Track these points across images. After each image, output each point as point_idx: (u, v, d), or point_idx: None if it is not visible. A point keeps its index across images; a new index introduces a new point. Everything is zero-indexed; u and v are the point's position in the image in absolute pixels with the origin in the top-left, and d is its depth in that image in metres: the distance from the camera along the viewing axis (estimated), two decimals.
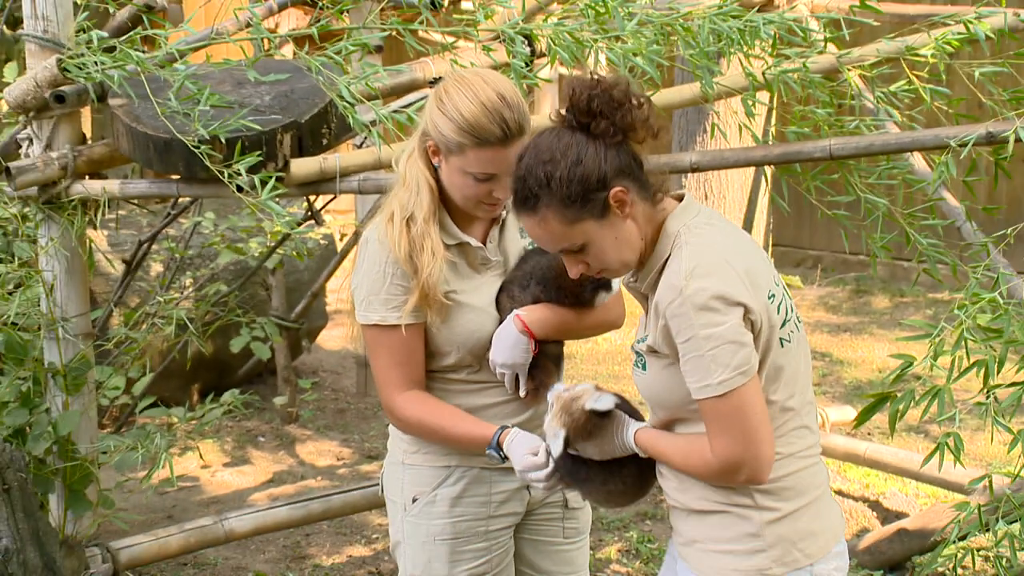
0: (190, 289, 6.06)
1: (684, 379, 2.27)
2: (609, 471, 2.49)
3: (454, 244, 2.75)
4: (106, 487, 4.52)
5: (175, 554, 4.61)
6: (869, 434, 6.24)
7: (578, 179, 2.26)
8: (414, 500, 2.84)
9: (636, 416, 2.49)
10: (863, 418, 2.94)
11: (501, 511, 2.84)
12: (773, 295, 2.30)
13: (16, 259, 4.25)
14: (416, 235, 2.67)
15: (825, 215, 3.81)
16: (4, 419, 4.06)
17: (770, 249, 6.17)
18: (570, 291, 2.82)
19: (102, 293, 5.96)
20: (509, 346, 2.75)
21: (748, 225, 5.97)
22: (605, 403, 2.42)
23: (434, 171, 2.71)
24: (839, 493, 5.73)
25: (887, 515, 5.47)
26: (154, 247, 5.96)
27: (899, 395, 2.86)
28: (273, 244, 5.78)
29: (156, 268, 6.42)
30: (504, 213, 2.82)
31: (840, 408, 6.17)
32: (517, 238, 2.86)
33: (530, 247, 2.85)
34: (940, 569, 4.66)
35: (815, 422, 2.43)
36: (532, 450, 2.60)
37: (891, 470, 5.60)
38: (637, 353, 2.40)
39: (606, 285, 2.88)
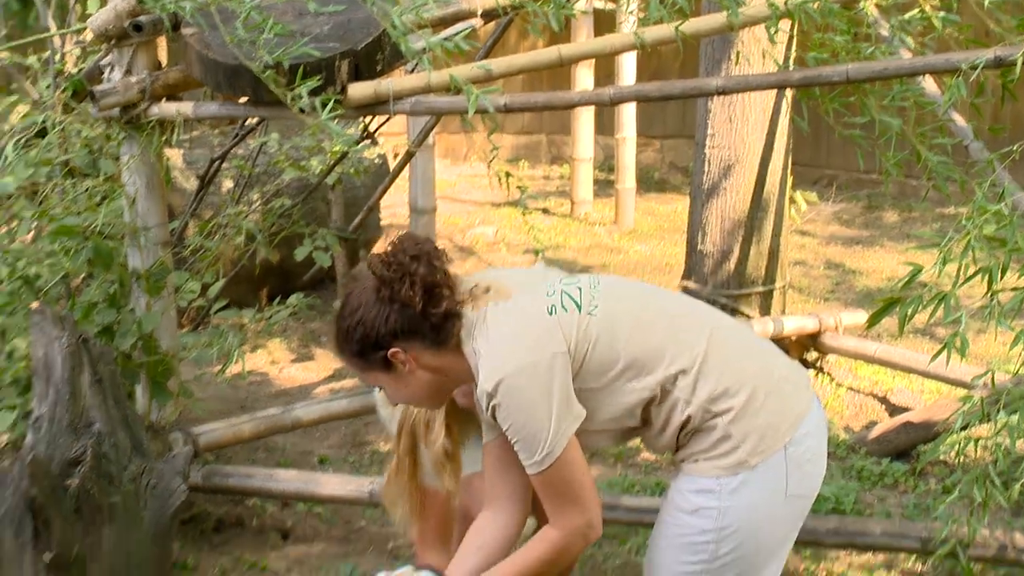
0: (257, 203, 6.07)
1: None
2: None
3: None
4: (186, 379, 4.58)
5: (248, 439, 4.69)
6: (879, 336, 6.22)
7: (358, 339, 2.35)
8: None
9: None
10: (874, 320, 2.92)
11: None
12: (552, 307, 2.32)
13: (102, 174, 4.27)
14: (428, 417, 2.84)
15: (842, 135, 3.75)
16: (94, 318, 4.11)
17: (789, 168, 6.10)
18: None
19: (178, 206, 5.98)
20: None
21: (768, 147, 5.90)
22: None
23: None
24: (850, 389, 5.73)
25: (894, 409, 5.48)
26: (224, 165, 5.96)
27: (908, 300, 2.83)
28: (332, 162, 5.77)
29: (227, 184, 6.43)
30: None
31: (852, 312, 6.15)
32: None
33: None
34: (942, 457, 4.68)
35: (711, 323, 2.40)
36: None
37: (899, 368, 5.60)
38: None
39: None
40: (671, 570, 2.33)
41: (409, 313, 2.31)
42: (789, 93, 5.74)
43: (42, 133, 4.39)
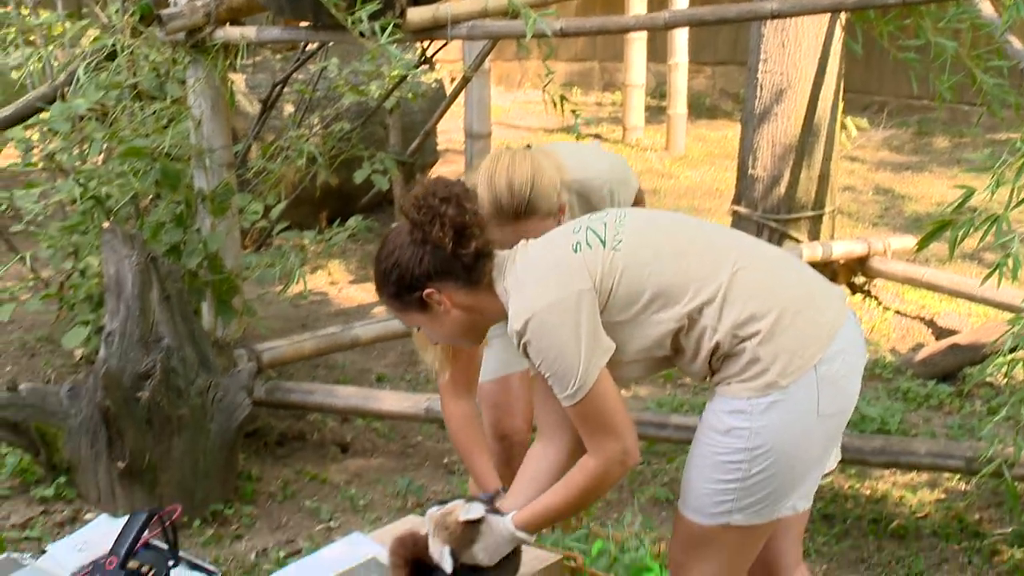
0: (318, 127, 6.08)
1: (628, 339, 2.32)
2: (500, 565, 2.45)
3: None
4: (249, 298, 4.63)
5: (309, 356, 4.75)
6: (927, 260, 6.16)
7: (394, 280, 2.37)
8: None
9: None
10: (925, 242, 2.89)
11: None
12: (577, 243, 2.33)
13: (168, 97, 4.29)
14: None
15: (896, 58, 3.68)
16: (162, 237, 4.15)
17: (841, 93, 6.00)
18: None
19: (241, 130, 6.01)
20: None
21: (821, 71, 5.81)
22: (475, 512, 2.40)
23: None
24: (897, 313, 5.69)
25: (941, 332, 5.44)
26: (286, 89, 5.96)
27: (959, 222, 2.79)
28: (391, 87, 5.76)
29: (288, 108, 6.44)
30: None
31: (901, 237, 6.09)
32: None
33: None
34: (988, 379, 4.64)
35: (738, 247, 2.36)
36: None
37: (946, 292, 5.55)
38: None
39: None
40: (705, 488, 2.34)
41: (441, 254, 2.33)
42: (842, 17, 5.64)
43: (111, 56, 4.40)
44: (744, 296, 2.28)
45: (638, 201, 3.13)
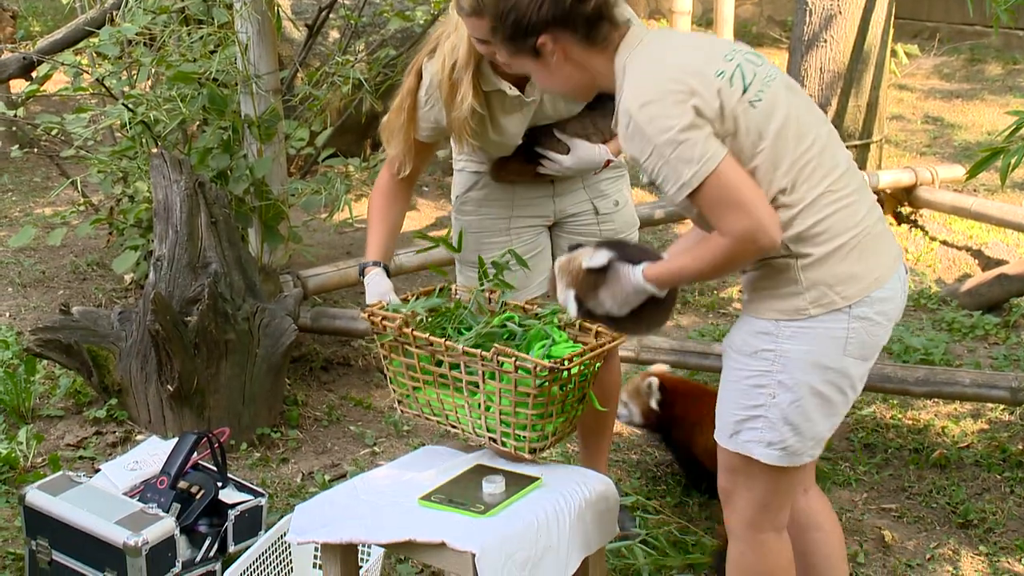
0: (363, 53, 6.04)
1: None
2: (636, 316, 2.37)
3: (492, 90, 2.83)
4: (294, 225, 4.64)
5: (354, 283, 4.75)
6: (975, 190, 6.05)
7: (511, 23, 2.31)
8: (455, 198, 3.11)
9: (648, 258, 2.36)
10: (975, 170, 2.84)
11: (522, 212, 3.03)
12: (722, 71, 2.22)
13: (215, 22, 4.27)
14: (455, 80, 2.79)
15: None
16: (209, 163, 4.16)
17: (892, 19, 5.87)
18: None
19: (287, 56, 5.98)
20: None
21: None
22: (599, 260, 2.33)
23: None
24: (944, 243, 5.61)
25: (988, 262, 5.36)
26: (332, 15, 5.92)
27: (1012, 149, 2.73)
28: (436, 12, 5.70)
29: (333, 34, 6.40)
30: None
31: (949, 167, 5.99)
32: None
33: None
34: None
35: (844, 165, 2.28)
36: (380, 296, 2.84)
37: (994, 222, 5.46)
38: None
39: None
40: (734, 415, 2.33)
41: (561, 3, 2.28)
42: None
43: None
44: (815, 217, 2.24)
45: None
